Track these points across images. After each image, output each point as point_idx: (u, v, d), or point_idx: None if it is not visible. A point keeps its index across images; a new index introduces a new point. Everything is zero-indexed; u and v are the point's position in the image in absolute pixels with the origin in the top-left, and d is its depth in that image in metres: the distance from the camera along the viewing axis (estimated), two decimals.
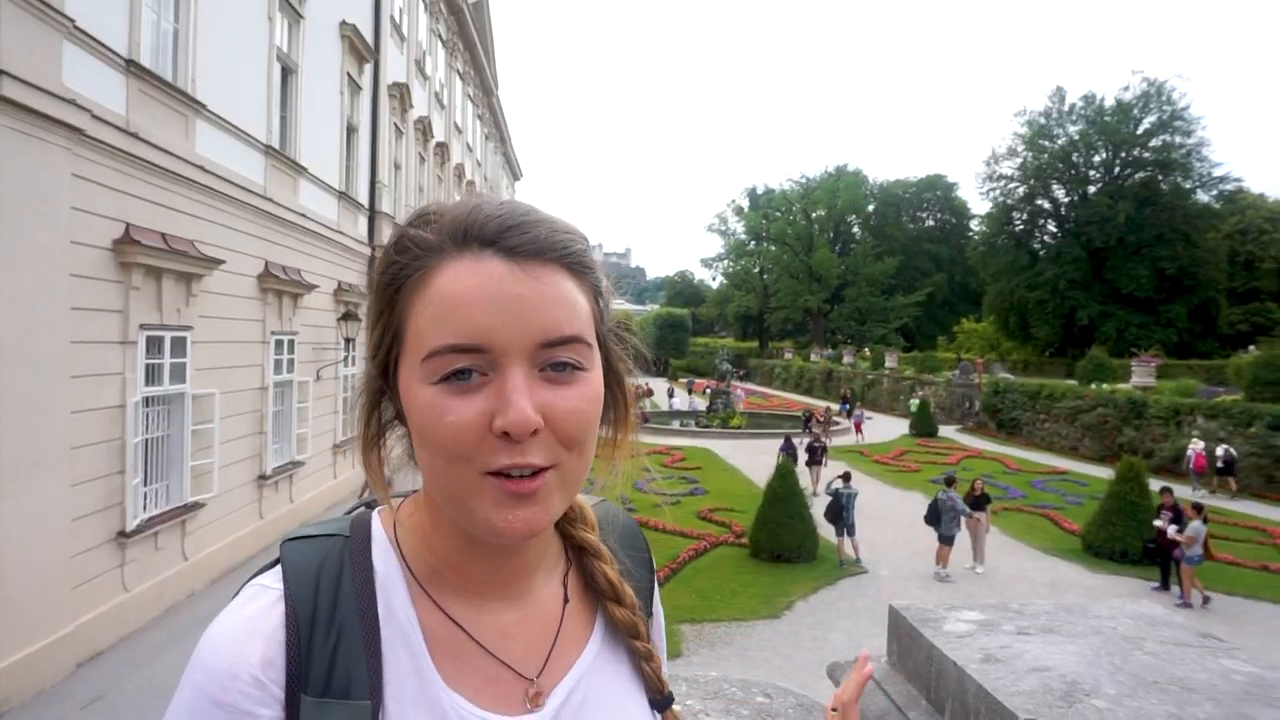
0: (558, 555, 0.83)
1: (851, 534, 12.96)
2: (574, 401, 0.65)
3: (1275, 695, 1.10)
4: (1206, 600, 11.38)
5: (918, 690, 1.28)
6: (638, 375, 0.82)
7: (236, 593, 0.72)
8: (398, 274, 0.67)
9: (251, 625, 0.67)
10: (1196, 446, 20.35)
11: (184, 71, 9.53)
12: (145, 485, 8.89)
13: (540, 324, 0.64)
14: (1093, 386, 27.20)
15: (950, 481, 13.50)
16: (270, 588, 0.69)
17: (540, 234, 0.66)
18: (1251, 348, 33.72)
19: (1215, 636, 1.33)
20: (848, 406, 35.93)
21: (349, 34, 15.72)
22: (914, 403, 34.21)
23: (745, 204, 76.98)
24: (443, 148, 25.95)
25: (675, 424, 32.72)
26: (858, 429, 29.59)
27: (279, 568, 0.71)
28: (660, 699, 0.82)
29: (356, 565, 0.71)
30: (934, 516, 12.83)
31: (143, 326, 8.53)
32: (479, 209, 0.67)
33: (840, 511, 12.94)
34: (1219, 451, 20.00)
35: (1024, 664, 1.16)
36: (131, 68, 8.33)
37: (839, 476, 13.99)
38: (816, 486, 17.46)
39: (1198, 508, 12.00)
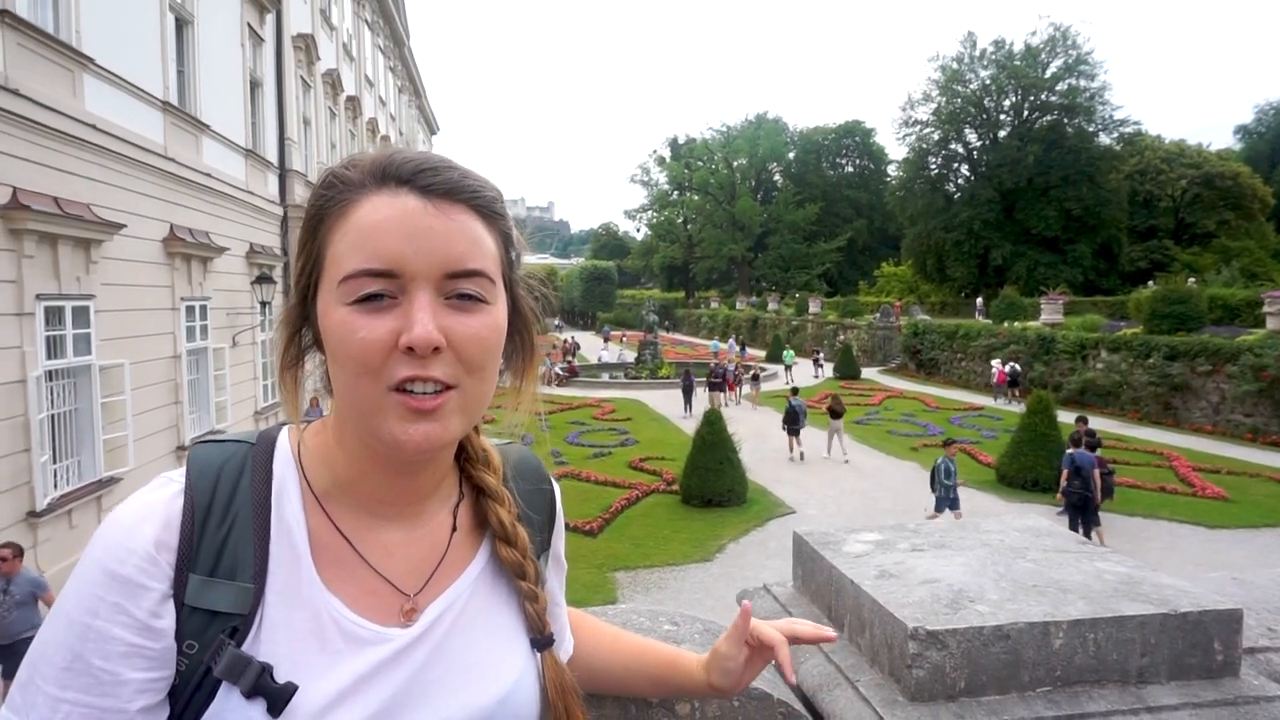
0: (452, 487, 0.87)
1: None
2: (474, 328, 0.71)
3: (1140, 590, 1.21)
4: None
5: (820, 609, 1.35)
6: (565, 330, 0.86)
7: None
8: (322, 206, 0.73)
9: (151, 509, 0.73)
10: (997, 365, 25.68)
11: (67, 23, 8.94)
12: (54, 462, 8.55)
13: (447, 255, 0.70)
14: (1005, 325, 28.24)
15: (795, 391, 17.84)
16: (175, 480, 0.75)
17: (453, 177, 0.73)
18: (1150, 283, 35.44)
19: (1093, 542, 1.44)
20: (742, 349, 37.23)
21: None
22: (788, 354, 32.10)
23: (667, 154, 76.53)
24: (354, 101, 25.05)
25: (605, 376, 32.89)
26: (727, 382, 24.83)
27: (186, 465, 0.77)
28: (540, 639, 0.86)
29: (257, 468, 0.77)
30: (790, 418, 16.61)
31: (39, 297, 8.12)
32: (398, 153, 0.73)
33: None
34: (1007, 368, 25.26)
35: (915, 577, 1.24)
36: (6, 18, 7.78)
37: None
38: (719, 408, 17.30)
39: (1091, 434, 12.66)
